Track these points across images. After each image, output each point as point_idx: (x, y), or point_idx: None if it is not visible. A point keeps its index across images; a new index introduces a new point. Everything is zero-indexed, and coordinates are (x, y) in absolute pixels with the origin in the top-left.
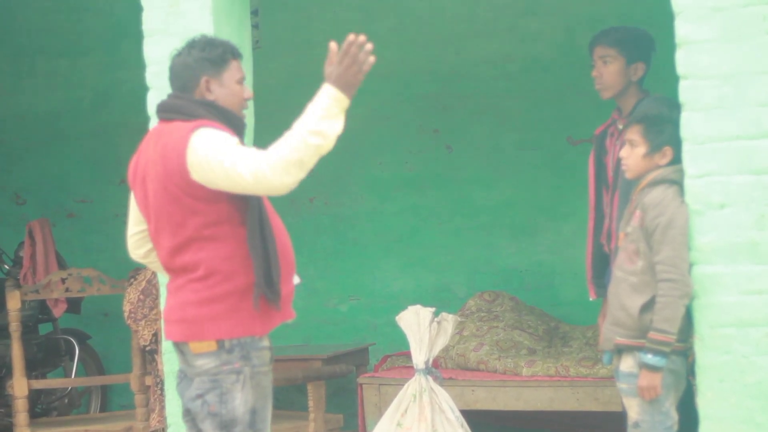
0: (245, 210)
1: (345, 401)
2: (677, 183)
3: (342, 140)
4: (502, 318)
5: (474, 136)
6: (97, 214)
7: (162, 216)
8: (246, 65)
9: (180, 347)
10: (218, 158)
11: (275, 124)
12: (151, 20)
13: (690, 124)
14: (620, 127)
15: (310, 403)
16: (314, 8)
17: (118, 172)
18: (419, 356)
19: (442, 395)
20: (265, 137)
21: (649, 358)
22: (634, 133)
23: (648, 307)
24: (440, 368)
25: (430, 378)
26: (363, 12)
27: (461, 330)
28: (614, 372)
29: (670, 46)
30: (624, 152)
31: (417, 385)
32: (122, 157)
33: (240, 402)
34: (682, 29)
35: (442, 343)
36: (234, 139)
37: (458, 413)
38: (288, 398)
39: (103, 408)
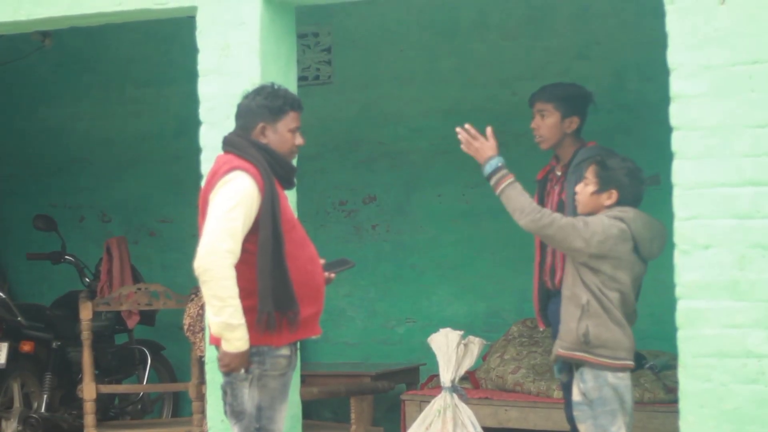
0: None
1: (395, 416)
2: (618, 218)
3: (404, 173)
4: (541, 344)
5: (527, 171)
6: (176, 234)
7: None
8: None
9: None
10: (212, 214)
11: (344, 154)
12: (205, 61)
13: (681, 171)
14: (558, 173)
15: (353, 416)
16: (383, 47)
17: (196, 195)
18: (446, 375)
19: (466, 412)
20: (333, 164)
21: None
22: (589, 172)
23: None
24: (480, 388)
25: (455, 395)
26: (428, 52)
27: (503, 353)
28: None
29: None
30: (578, 188)
31: (442, 401)
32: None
33: (247, 398)
34: (675, 85)
35: (468, 363)
36: (237, 210)
37: (480, 429)
38: (340, 410)
39: (175, 414)
